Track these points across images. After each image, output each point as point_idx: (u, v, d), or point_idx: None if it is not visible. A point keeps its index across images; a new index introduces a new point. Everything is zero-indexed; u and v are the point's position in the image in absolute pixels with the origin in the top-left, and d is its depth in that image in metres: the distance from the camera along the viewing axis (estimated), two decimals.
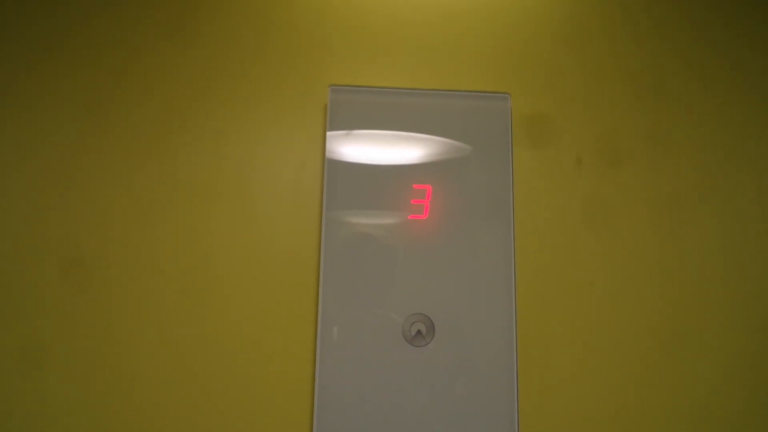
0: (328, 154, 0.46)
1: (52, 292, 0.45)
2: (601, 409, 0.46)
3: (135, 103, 0.48)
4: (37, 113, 0.48)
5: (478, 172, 0.47)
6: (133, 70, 0.49)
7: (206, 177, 0.47)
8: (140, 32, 0.49)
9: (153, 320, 0.45)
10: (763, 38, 0.52)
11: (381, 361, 0.44)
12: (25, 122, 0.48)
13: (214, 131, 0.48)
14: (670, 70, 0.51)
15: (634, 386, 0.47)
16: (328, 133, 0.46)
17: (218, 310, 0.46)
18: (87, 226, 0.46)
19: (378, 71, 0.50)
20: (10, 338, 0.45)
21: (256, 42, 0.49)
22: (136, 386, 0.44)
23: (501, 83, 0.50)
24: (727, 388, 0.47)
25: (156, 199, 0.47)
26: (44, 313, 0.45)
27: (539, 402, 0.46)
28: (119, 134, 0.48)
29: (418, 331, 0.45)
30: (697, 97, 0.51)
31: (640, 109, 0.50)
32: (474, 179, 0.46)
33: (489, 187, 0.46)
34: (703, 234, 0.49)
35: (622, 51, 0.51)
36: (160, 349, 0.45)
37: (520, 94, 0.50)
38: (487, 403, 0.44)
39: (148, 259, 0.46)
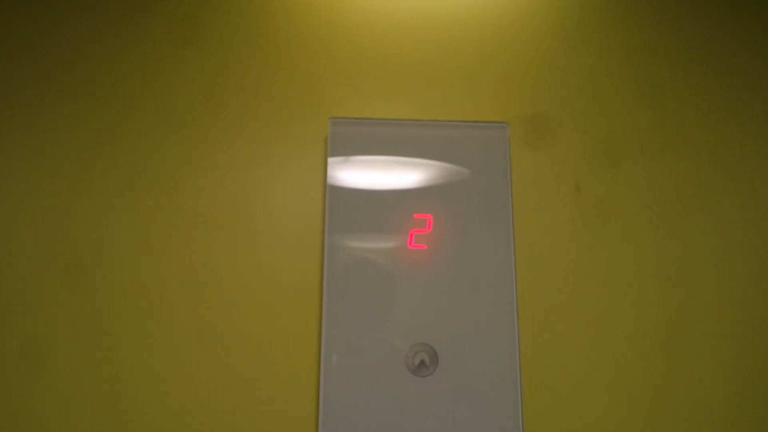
0: (329, 181, 0.46)
1: (59, 309, 0.45)
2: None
3: (140, 133, 0.49)
4: (44, 141, 0.48)
5: (477, 201, 0.47)
6: (139, 99, 0.49)
7: (211, 206, 0.47)
8: (145, 64, 0.50)
9: (158, 343, 0.44)
10: (765, 39, 0.53)
11: (385, 392, 0.43)
12: (33, 148, 0.48)
13: (218, 162, 0.48)
14: (672, 74, 0.52)
15: (647, 408, 0.45)
16: (329, 159, 0.46)
17: (222, 334, 0.45)
18: (93, 250, 0.46)
19: (377, 102, 0.50)
20: (11, 340, 0.44)
21: (257, 75, 0.50)
22: (137, 401, 0.43)
23: (499, 111, 0.51)
24: (727, 389, 0.46)
25: (162, 227, 0.47)
26: (50, 320, 0.44)
27: (545, 430, 0.44)
28: (124, 165, 0.48)
29: (422, 361, 0.43)
30: (700, 100, 0.52)
31: (642, 122, 0.51)
32: (474, 208, 0.46)
33: (489, 216, 0.46)
34: (716, 236, 0.49)
35: (621, 64, 0.52)
36: (165, 372, 0.44)
37: (518, 120, 0.50)
38: None
39: (155, 281, 0.46)
